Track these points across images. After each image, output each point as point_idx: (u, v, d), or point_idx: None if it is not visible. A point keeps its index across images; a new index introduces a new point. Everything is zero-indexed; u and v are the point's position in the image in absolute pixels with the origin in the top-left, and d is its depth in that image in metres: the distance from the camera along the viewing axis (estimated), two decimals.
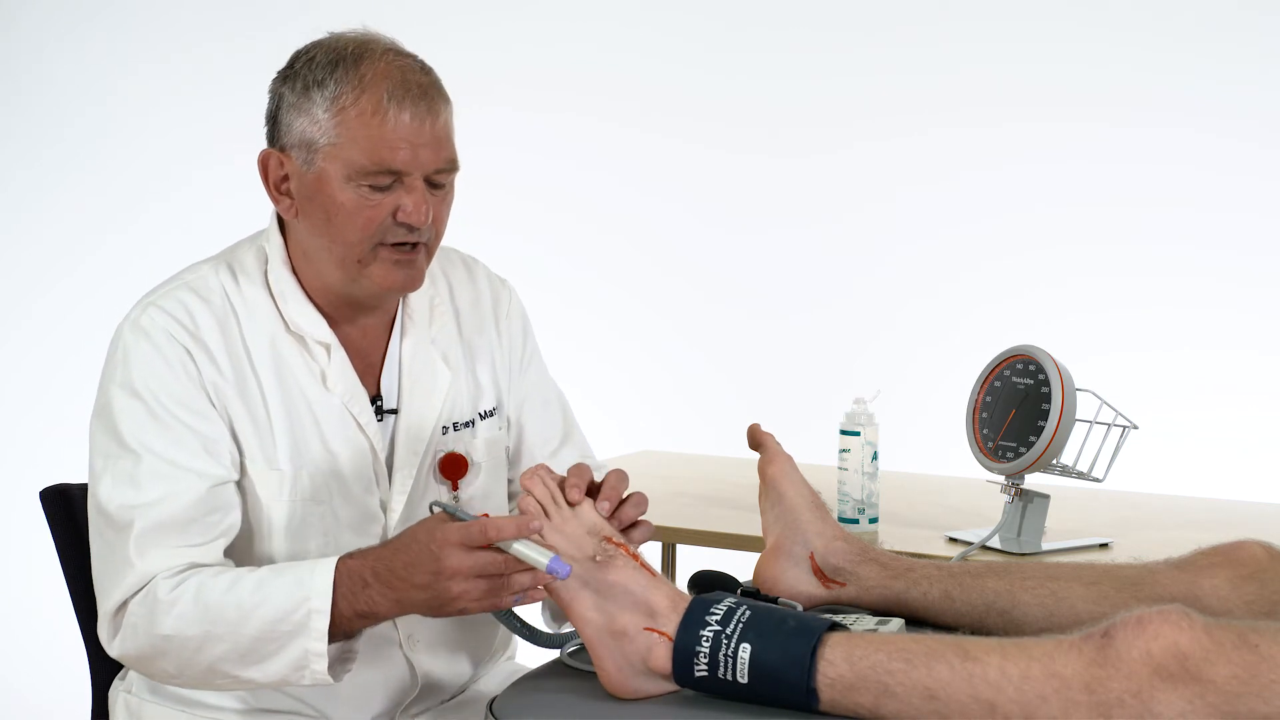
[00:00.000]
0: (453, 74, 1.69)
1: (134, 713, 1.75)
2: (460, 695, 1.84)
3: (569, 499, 1.47)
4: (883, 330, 4.14)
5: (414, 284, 1.67)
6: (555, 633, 1.61)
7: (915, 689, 1.27)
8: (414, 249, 1.65)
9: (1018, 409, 2.13)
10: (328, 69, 1.61)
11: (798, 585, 1.62)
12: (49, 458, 2.97)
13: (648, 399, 4.26)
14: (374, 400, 1.73)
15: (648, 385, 4.30)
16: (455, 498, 1.77)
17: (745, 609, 1.35)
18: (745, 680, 1.32)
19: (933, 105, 4.10)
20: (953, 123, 4.08)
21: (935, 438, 2.95)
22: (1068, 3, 4.01)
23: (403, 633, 1.74)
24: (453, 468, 1.77)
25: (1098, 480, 2.18)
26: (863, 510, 2.34)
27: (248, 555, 1.67)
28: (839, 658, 1.30)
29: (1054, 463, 2.14)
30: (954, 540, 2.27)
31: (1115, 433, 2.16)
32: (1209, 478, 3.27)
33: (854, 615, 1.57)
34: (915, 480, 2.80)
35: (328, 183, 1.61)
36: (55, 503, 1.86)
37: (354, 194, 1.60)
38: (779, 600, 1.56)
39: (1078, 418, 2.11)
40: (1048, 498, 2.21)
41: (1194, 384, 3.86)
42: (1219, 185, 3.88)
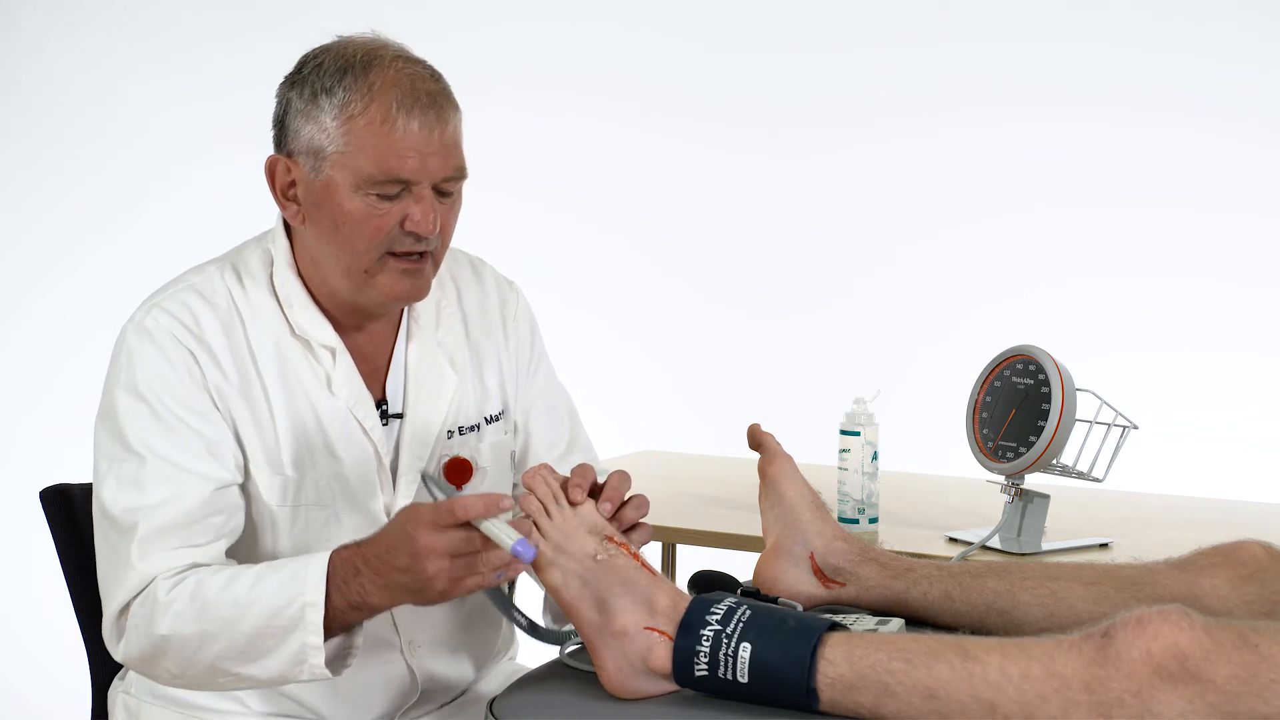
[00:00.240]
0: (453, 74, 1.68)
1: (133, 714, 1.75)
2: (461, 697, 1.83)
3: (571, 499, 1.46)
4: (883, 330, 4.14)
5: (420, 293, 1.67)
6: (556, 629, 1.61)
7: (915, 689, 1.27)
8: (421, 258, 1.64)
9: (1018, 409, 2.13)
10: (336, 76, 1.60)
11: (798, 585, 1.62)
12: (49, 458, 2.97)
13: (648, 399, 4.26)
14: (379, 404, 1.72)
15: (648, 385, 4.30)
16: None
17: (745, 609, 1.35)
18: (745, 680, 1.32)
19: (932, 105, 4.10)
20: (953, 123, 4.08)
21: (935, 438, 2.95)
22: (1068, 3, 4.01)
23: (403, 637, 1.74)
24: (457, 472, 1.76)
25: (1098, 480, 2.18)
26: (863, 510, 2.34)
27: (250, 559, 1.65)
28: (839, 657, 1.30)
29: (1054, 463, 2.14)
30: (954, 540, 2.27)
31: (1115, 433, 2.16)
32: (1209, 478, 3.27)
33: (854, 615, 1.57)
34: (915, 480, 2.80)
35: (335, 191, 1.60)
36: (55, 503, 1.86)
37: (362, 203, 1.59)
38: (779, 600, 1.56)
39: (1078, 418, 2.11)
40: (1048, 498, 2.21)
41: (1194, 384, 3.86)
42: (1219, 185, 3.88)
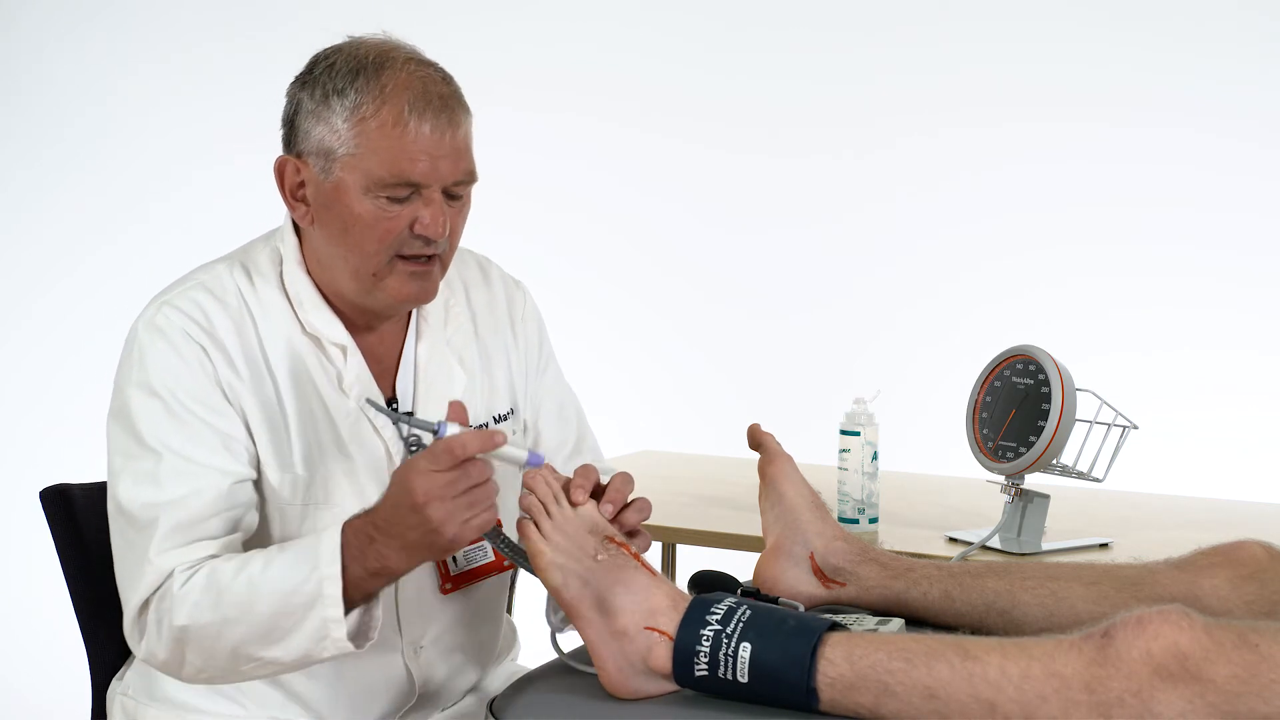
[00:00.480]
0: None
1: (130, 715, 1.74)
2: (462, 701, 1.83)
3: (573, 499, 1.46)
4: (883, 330, 4.14)
5: (428, 296, 1.67)
6: (556, 619, 1.61)
7: (915, 688, 1.27)
8: (429, 261, 1.64)
9: (1018, 409, 2.13)
10: (348, 78, 1.59)
11: (798, 585, 1.62)
12: (49, 458, 2.98)
13: (648, 399, 4.26)
14: (389, 403, 1.73)
15: (648, 385, 4.30)
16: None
17: (745, 609, 1.35)
18: (745, 680, 1.32)
19: (932, 105, 4.10)
20: (952, 123, 4.08)
21: (935, 438, 2.95)
22: (1068, 3, 4.01)
23: (405, 639, 1.73)
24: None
25: (1098, 480, 2.18)
26: (863, 510, 2.34)
27: None
28: (839, 657, 1.30)
29: (1054, 463, 2.14)
30: (954, 540, 2.27)
31: (1115, 433, 2.16)
32: (1209, 478, 3.27)
33: (854, 615, 1.57)
34: (915, 480, 2.80)
35: (345, 193, 1.60)
36: (55, 503, 1.86)
37: (372, 205, 1.59)
38: (779, 600, 1.56)
39: (1078, 418, 2.11)
40: (1048, 498, 2.21)
41: (1194, 384, 3.86)
42: (1219, 185, 3.88)
